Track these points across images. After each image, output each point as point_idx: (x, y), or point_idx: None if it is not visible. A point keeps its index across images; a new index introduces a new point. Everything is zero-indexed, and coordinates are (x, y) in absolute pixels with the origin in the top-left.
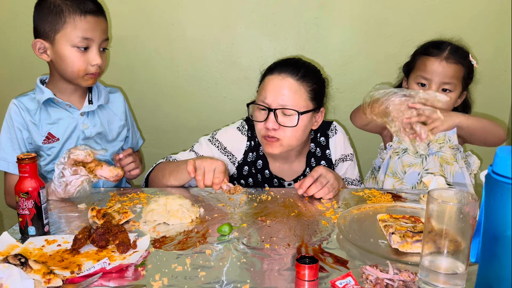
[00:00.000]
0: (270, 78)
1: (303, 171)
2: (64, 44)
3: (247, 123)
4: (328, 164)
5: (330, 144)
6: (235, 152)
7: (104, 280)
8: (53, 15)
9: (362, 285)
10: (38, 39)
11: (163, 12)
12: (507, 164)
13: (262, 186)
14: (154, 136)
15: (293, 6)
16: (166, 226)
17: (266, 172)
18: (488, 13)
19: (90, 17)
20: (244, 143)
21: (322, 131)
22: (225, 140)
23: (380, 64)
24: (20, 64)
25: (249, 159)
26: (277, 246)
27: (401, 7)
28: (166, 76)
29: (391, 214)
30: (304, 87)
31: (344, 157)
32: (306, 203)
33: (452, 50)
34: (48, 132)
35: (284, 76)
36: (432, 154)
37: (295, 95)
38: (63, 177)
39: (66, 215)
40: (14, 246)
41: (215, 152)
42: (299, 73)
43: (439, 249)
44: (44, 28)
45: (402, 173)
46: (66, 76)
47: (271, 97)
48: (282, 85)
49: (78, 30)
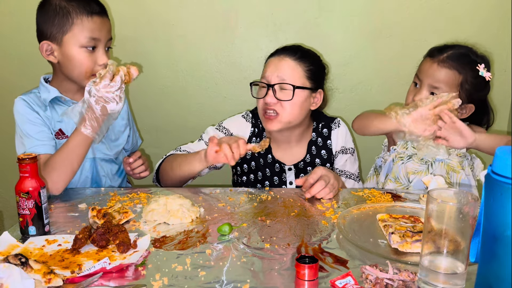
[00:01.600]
0: (271, 59)
1: (303, 157)
2: (72, 45)
3: (252, 112)
4: (328, 154)
5: (332, 136)
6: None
7: (105, 280)
8: (60, 17)
9: (361, 284)
10: (45, 41)
11: (163, 12)
12: (507, 164)
13: (264, 170)
14: (154, 136)
15: (293, 6)
16: (166, 226)
17: (268, 156)
18: (488, 13)
19: (96, 17)
20: (248, 129)
21: (325, 123)
22: (231, 127)
23: (380, 64)
24: (20, 64)
25: (253, 142)
26: (277, 246)
27: (401, 7)
28: (166, 76)
29: (390, 214)
30: (301, 66)
31: (344, 149)
32: (306, 203)
33: (453, 55)
34: (59, 129)
35: (283, 56)
36: (439, 161)
37: (292, 71)
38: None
39: (67, 215)
40: (15, 246)
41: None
42: (297, 54)
43: (438, 249)
44: (51, 30)
45: (406, 179)
46: (72, 77)
47: (270, 74)
48: (280, 63)
49: (86, 30)
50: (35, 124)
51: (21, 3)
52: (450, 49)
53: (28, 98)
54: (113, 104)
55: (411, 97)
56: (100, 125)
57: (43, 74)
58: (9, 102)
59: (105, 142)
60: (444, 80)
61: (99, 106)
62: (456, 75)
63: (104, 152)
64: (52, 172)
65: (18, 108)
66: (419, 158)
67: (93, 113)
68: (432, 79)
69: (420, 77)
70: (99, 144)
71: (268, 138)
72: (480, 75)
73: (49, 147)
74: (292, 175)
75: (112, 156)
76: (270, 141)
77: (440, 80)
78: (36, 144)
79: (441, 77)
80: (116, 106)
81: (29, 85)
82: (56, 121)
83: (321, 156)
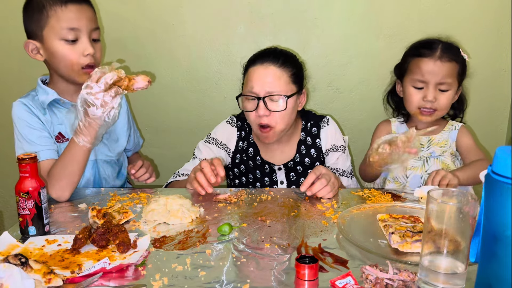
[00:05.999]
0: (253, 69)
1: (293, 157)
2: (52, 39)
3: (236, 116)
4: (318, 153)
5: (321, 134)
6: (228, 143)
7: (105, 280)
8: (37, 12)
9: (362, 284)
10: (29, 40)
11: (163, 12)
12: (507, 164)
13: (253, 172)
14: (154, 136)
15: (293, 6)
16: (166, 226)
17: (257, 159)
18: (488, 13)
19: (71, 6)
20: (235, 133)
21: (314, 122)
22: (218, 135)
23: (380, 64)
24: (20, 64)
25: (240, 147)
26: (277, 246)
27: (401, 7)
28: (166, 76)
29: (390, 214)
30: (286, 72)
31: (335, 147)
32: (306, 203)
33: (444, 48)
34: (58, 132)
35: (267, 65)
36: (434, 157)
37: (279, 81)
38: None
39: (67, 215)
40: (15, 246)
41: (214, 149)
42: (279, 60)
43: (438, 249)
44: (31, 28)
45: (404, 178)
46: (61, 73)
47: (257, 86)
48: (266, 74)
49: (61, 21)
50: (36, 128)
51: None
52: (437, 44)
53: (27, 101)
54: (93, 108)
55: (417, 99)
56: (93, 132)
57: (43, 73)
58: (9, 102)
59: (107, 143)
60: (449, 73)
61: (82, 109)
62: (455, 66)
63: (106, 153)
64: (57, 184)
65: (18, 112)
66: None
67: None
68: (440, 77)
69: (424, 79)
70: (101, 146)
71: (244, 190)
72: (464, 59)
73: (52, 151)
74: (282, 175)
75: (114, 157)
76: (259, 145)
77: (446, 75)
78: (38, 149)
79: (447, 71)
80: (97, 110)
81: (29, 85)
82: (56, 124)
83: (310, 155)
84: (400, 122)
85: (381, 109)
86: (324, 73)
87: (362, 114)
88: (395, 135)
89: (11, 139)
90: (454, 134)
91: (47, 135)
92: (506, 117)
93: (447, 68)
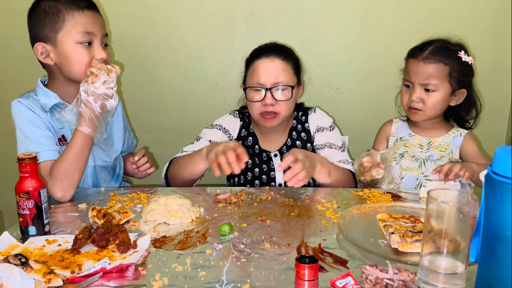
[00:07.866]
0: (259, 62)
1: (285, 141)
2: (67, 43)
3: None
4: (308, 135)
5: (309, 119)
6: (231, 131)
7: (105, 280)
8: (51, 16)
9: (362, 284)
10: (39, 43)
11: (163, 12)
12: (507, 164)
13: (253, 159)
14: (154, 136)
15: (293, 6)
16: (166, 226)
17: (256, 147)
18: (488, 13)
19: (87, 11)
20: (238, 122)
21: (303, 112)
22: (223, 123)
23: (380, 64)
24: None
25: (242, 134)
26: (277, 246)
27: (401, 7)
28: (166, 76)
29: (390, 214)
30: (289, 65)
31: (320, 128)
32: (306, 203)
33: (434, 50)
34: (61, 135)
35: (272, 58)
36: (432, 160)
37: (284, 72)
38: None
39: (67, 215)
40: (15, 246)
41: (218, 133)
42: (283, 54)
43: (438, 249)
44: (43, 31)
45: (399, 178)
46: (73, 76)
47: (264, 77)
48: (272, 66)
49: (78, 25)
50: (40, 127)
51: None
52: (429, 45)
53: (26, 101)
54: (112, 101)
55: (407, 98)
56: (99, 123)
57: (43, 73)
58: (9, 102)
59: (105, 149)
60: (433, 75)
61: (98, 103)
62: (443, 67)
63: (104, 159)
64: (62, 182)
65: (19, 111)
66: (410, 155)
67: (92, 112)
68: (422, 77)
69: (410, 78)
70: (99, 151)
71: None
72: (463, 61)
73: (55, 153)
74: (278, 161)
75: (111, 162)
76: (257, 134)
77: (429, 76)
78: (42, 149)
79: (430, 72)
80: (115, 102)
81: (29, 85)
82: (58, 128)
83: (301, 138)
84: (402, 121)
85: (381, 109)
86: (324, 73)
87: (362, 114)
88: (369, 152)
89: (11, 139)
90: (458, 141)
91: (51, 135)
92: (506, 117)
93: (430, 69)
